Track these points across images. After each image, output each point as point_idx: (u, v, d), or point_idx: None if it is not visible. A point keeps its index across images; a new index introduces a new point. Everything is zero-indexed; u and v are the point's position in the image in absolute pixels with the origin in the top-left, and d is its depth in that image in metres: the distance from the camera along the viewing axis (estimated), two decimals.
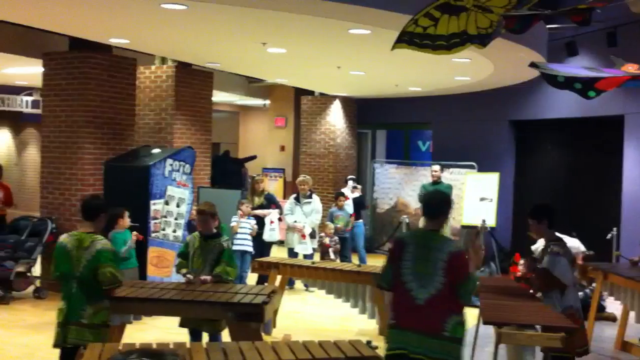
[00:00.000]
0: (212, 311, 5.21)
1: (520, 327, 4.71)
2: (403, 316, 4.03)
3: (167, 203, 8.06)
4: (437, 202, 4.27)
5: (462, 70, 9.87)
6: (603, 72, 6.61)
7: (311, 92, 13.86)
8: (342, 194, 10.48)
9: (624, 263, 8.86)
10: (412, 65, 9.30)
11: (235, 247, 8.11)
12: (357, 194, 11.09)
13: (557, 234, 5.32)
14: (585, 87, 6.29)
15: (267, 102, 15.45)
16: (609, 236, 9.68)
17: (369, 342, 4.26)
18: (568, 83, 6.31)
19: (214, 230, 5.79)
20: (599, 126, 10.88)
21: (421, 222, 10.67)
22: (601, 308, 8.15)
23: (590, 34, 9.58)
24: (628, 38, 8.64)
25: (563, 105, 10.85)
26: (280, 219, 9.18)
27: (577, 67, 7.13)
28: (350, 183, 11.34)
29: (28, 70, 11.51)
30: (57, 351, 4.93)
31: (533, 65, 6.55)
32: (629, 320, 7.06)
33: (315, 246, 9.63)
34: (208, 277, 5.56)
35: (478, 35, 4.94)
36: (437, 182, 10.61)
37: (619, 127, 10.26)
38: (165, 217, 8.04)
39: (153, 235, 7.89)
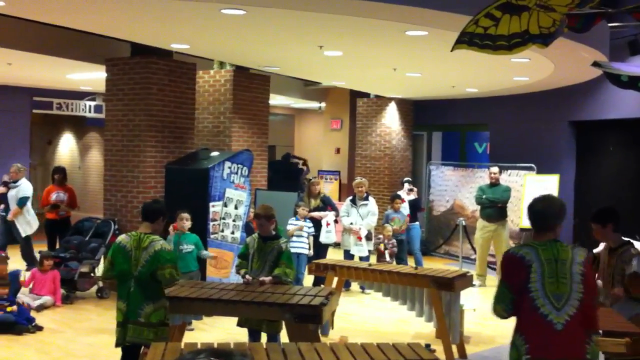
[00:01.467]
0: (270, 312, 5.27)
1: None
2: (540, 348, 3.44)
3: (225, 205, 8.18)
4: (550, 214, 3.65)
5: (521, 71, 9.72)
6: None
7: (367, 95, 13.86)
8: (399, 196, 10.44)
9: None
10: (470, 66, 9.21)
11: (292, 250, 8.17)
12: (413, 196, 11.03)
13: (623, 237, 5.20)
14: None
15: (323, 104, 15.51)
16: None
17: (427, 345, 4.26)
18: (632, 82, 6.18)
19: (273, 232, 5.85)
20: None
21: (479, 225, 10.57)
22: None
23: None
24: None
25: (625, 105, 10.56)
26: (336, 221, 9.21)
27: None
28: (406, 185, 11.29)
29: (91, 76, 11.84)
30: (120, 350, 5.07)
31: (596, 64, 6.43)
32: None
33: (372, 248, 9.62)
34: (267, 278, 5.63)
35: (540, 34, 4.87)
36: (495, 184, 10.45)
37: None
38: (223, 218, 8.16)
39: (212, 236, 8.02)
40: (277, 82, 11.95)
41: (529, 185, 11.28)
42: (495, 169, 10.61)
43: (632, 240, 5.32)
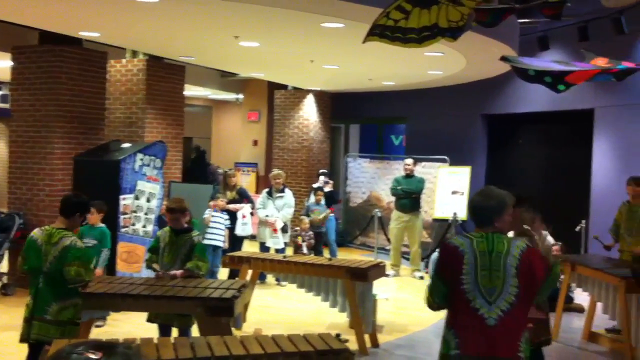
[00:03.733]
0: (181, 306, 5.18)
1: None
2: (471, 342, 3.29)
3: (137, 198, 7.98)
4: (490, 208, 3.48)
5: (435, 64, 9.91)
6: (573, 65, 6.66)
7: (285, 86, 13.82)
8: (320, 189, 10.52)
9: (592, 254, 8.97)
10: (385, 59, 9.31)
11: (206, 242, 8.07)
12: (328, 188, 11.09)
13: (525, 226, 5.34)
14: (555, 80, 6.33)
15: (241, 96, 15.38)
16: (577, 228, 9.80)
17: (338, 335, 4.25)
18: (538, 76, 6.35)
19: (185, 225, 5.75)
20: (570, 120, 11.00)
21: (393, 215, 10.75)
22: (569, 299, 8.25)
23: (562, 29, 9.66)
24: (599, 32, 8.73)
25: (535, 99, 10.94)
26: (252, 214, 9.15)
27: (548, 60, 7.17)
28: (322, 178, 11.34)
29: None
30: (27, 347, 4.88)
31: (504, 59, 6.58)
32: (596, 311, 7.16)
33: (287, 240, 9.62)
34: (178, 272, 5.52)
35: (449, 28, 4.95)
36: (409, 175, 10.64)
37: (589, 121, 10.37)
38: (135, 212, 7.97)
39: (123, 230, 7.81)
40: (193, 73, 11.75)
41: (442, 177, 11.54)
42: (409, 161, 10.80)
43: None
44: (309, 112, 13.76)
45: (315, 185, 11.09)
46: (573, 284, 7.46)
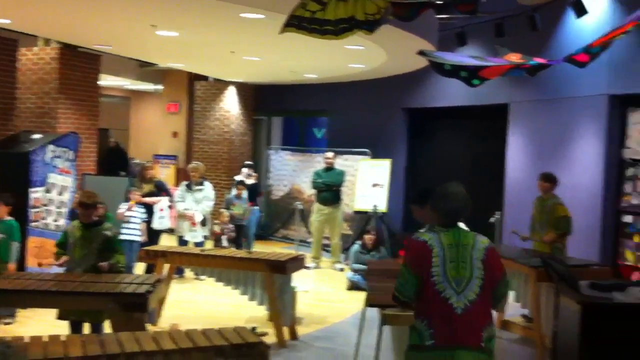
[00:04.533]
0: (92, 302, 5.02)
1: (403, 308, 4.77)
2: (444, 332, 3.39)
3: (48, 191, 7.69)
4: (459, 209, 3.60)
5: (356, 58, 9.97)
6: (487, 60, 6.80)
7: (205, 78, 13.63)
8: (242, 182, 10.43)
9: (505, 245, 9.25)
10: (307, 51, 9.30)
11: (123, 237, 7.88)
12: (252, 180, 11.01)
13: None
14: (470, 75, 6.46)
15: (160, 87, 15.07)
16: (492, 220, 10.07)
17: (253, 329, 4.22)
18: (454, 71, 6.46)
19: (96, 218, 5.57)
20: (486, 114, 11.26)
21: (314, 208, 10.78)
22: None
23: (479, 25, 9.86)
24: (515, 29, 8.96)
25: (453, 93, 11.15)
26: (170, 207, 8.97)
27: (464, 55, 7.30)
28: (245, 170, 11.25)
29: None
30: None
31: (421, 53, 6.67)
32: (509, 300, 7.35)
33: (207, 234, 9.49)
34: (104, 264, 5.38)
35: (366, 21, 4.96)
36: (330, 168, 10.69)
37: (504, 115, 10.65)
38: (46, 205, 7.67)
39: (33, 224, 7.52)
40: (110, 62, 11.43)
41: (362, 170, 11.64)
42: (330, 154, 10.85)
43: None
44: (230, 104, 13.62)
45: (237, 178, 10.99)
46: None
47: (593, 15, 8.34)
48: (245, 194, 10.25)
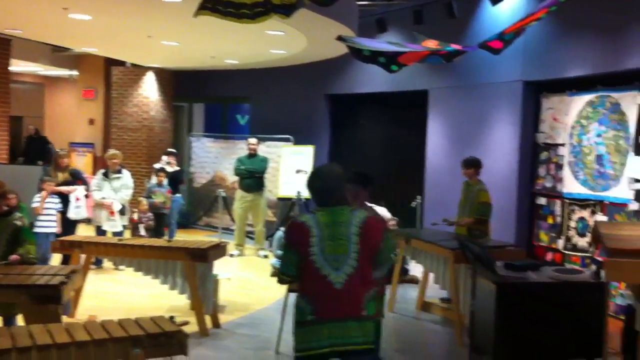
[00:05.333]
0: (3, 295, 4.83)
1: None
2: (323, 307, 3.57)
3: None
4: (331, 188, 3.71)
5: (277, 44, 9.90)
6: (405, 47, 6.88)
7: (123, 63, 13.26)
8: (163, 170, 10.23)
9: (426, 228, 9.43)
10: (227, 36, 9.17)
11: (38, 230, 7.59)
12: (171, 168, 10.81)
13: (366, 202, 5.46)
14: (388, 61, 6.51)
15: (75, 72, 14.59)
16: (413, 204, 10.24)
17: (172, 318, 4.13)
18: (373, 57, 6.50)
19: (5, 209, 5.34)
20: (407, 100, 11.41)
21: (237, 195, 10.69)
22: (405, 271, 8.62)
23: (399, 12, 9.97)
24: (433, 16, 9.09)
25: (375, 80, 11.23)
26: (87, 196, 8.69)
27: (382, 41, 7.36)
28: (165, 158, 11.03)
29: None
30: None
31: (340, 38, 6.67)
32: (429, 282, 7.52)
33: (126, 223, 9.27)
34: (14, 257, 5.17)
35: (282, 5, 4.90)
36: (253, 155, 10.62)
37: (424, 101, 10.82)
38: None
39: None
40: (21, 47, 10.98)
41: (285, 156, 11.62)
42: (253, 140, 10.77)
43: (374, 206, 5.60)
44: (149, 90, 13.33)
45: (156, 166, 10.76)
46: (408, 257, 7.77)
47: (508, 2, 8.55)
48: (165, 181, 10.06)
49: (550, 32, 8.34)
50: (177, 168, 11.08)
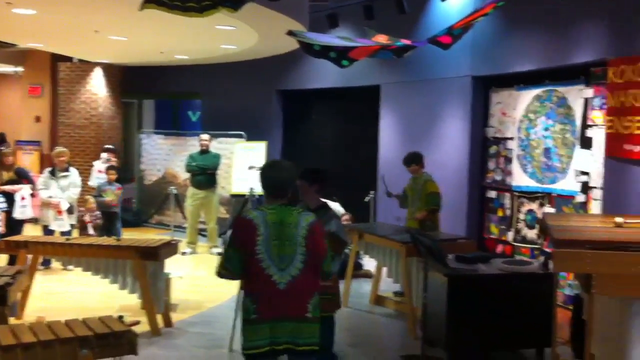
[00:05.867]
0: None
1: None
2: (266, 306, 3.61)
3: None
4: (284, 180, 3.77)
5: (228, 39, 9.81)
6: (356, 41, 6.90)
7: (69, 59, 12.97)
8: (113, 167, 10.05)
9: (379, 222, 9.48)
10: (176, 31, 9.04)
11: None
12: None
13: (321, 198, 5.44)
14: (339, 55, 6.51)
15: (20, 69, 14.22)
16: (366, 199, 10.29)
17: (121, 317, 4.06)
18: (323, 52, 6.49)
19: None
20: (359, 95, 11.45)
21: (189, 192, 10.57)
22: (358, 266, 8.65)
23: (350, 7, 9.98)
24: (384, 12, 9.12)
25: (327, 75, 11.23)
26: (33, 195, 8.48)
27: (332, 36, 7.36)
28: (105, 155, 10.83)
29: None
30: None
31: (290, 33, 6.65)
32: (382, 276, 7.56)
33: (74, 222, 9.07)
34: None
35: None
36: (205, 151, 10.52)
37: (376, 97, 10.86)
38: None
39: None
40: None
41: (238, 153, 11.54)
42: (205, 136, 10.67)
43: (328, 202, 5.59)
44: (97, 86, 13.08)
45: (95, 163, 10.58)
46: (361, 252, 7.80)
47: None
48: (100, 178, 9.87)
49: (499, 28, 8.45)
50: (116, 166, 10.86)
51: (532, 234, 8.11)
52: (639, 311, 3.28)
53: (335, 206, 8.68)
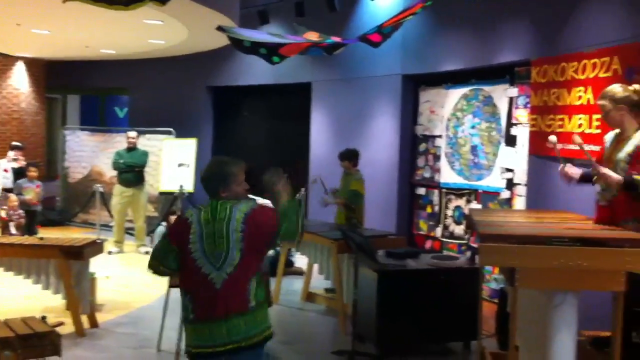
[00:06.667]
0: None
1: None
2: (202, 307, 3.48)
3: None
4: (209, 177, 3.62)
5: (156, 33, 9.65)
6: (286, 38, 6.88)
7: None
8: (33, 164, 9.72)
9: (311, 220, 9.48)
10: (101, 24, 8.83)
11: None
12: (19, 164, 10.28)
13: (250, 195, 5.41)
14: (270, 52, 6.49)
15: None
16: (297, 196, 10.25)
17: (44, 318, 3.93)
18: (254, 48, 6.46)
19: None
20: (291, 93, 11.44)
21: (116, 190, 10.33)
22: (290, 263, 8.64)
23: (280, 4, 9.96)
24: (315, 9, 9.14)
25: (259, 72, 11.18)
26: None
27: (263, 32, 7.32)
28: (11, 153, 10.47)
29: None
30: None
31: (220, 29, 6.58)
32: (313, 273, 7.57)
33: None
34: None
35: None
36: (132, 148, 10.29)
37: (307, 94, 10.88)
38: None
39: None
40: None
41: (167, 150, 11.35)
42: (133, 133, 10.44)
43: (257, 199, 5.56)
44: (19, 81, 12.66)
45: (1, 162, 10.24)
46: (293, 249, 7.78)
47: None
48: (5, 177, 9.57)
49: (428, 28, 8.59)
50: (24, 164, 10.52)
51: (459, 229, 8.29)
52: (560, 303, 3.38)
53: (266, 204, 8.60)
